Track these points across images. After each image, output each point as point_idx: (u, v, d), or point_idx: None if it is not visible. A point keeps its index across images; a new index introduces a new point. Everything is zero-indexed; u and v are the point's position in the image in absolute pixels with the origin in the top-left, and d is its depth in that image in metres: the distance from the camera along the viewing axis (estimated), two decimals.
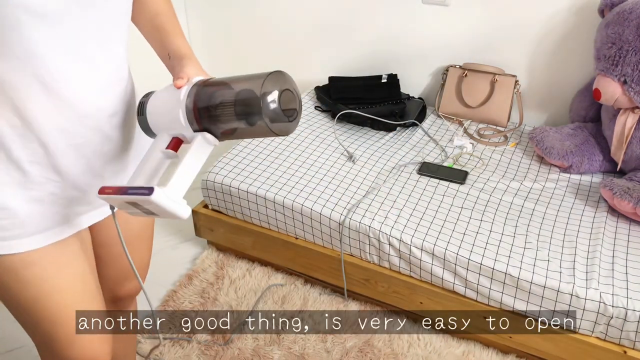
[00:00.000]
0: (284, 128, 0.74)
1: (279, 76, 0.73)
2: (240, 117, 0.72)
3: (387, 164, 1.84)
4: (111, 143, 0.88)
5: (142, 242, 1.11)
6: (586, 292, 1.36)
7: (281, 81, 0.73)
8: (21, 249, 0.83)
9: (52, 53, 0.72)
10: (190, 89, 0.77)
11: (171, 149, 0.78)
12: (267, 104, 0.70)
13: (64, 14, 0.71)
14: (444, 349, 1.61)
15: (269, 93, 0.70)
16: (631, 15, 1.58)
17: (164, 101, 0.79)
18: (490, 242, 1.51)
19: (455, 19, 2.06)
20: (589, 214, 1.61)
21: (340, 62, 2.37)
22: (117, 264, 1.09)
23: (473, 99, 2.08)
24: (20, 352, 1.61)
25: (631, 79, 1.58)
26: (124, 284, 1.14)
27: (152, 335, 1.66)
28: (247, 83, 0.73)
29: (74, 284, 0.91)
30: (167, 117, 0.78)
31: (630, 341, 1.37)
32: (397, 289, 1.63)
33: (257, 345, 1.62)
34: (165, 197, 0.71)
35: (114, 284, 1.12)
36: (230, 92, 0.74)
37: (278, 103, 0.71)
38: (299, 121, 0.78)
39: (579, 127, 1.87)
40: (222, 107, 0.74)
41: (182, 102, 0.76)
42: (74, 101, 0.78)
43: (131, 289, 1.16)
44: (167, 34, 0.91)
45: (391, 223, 1.58)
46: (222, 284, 1.82)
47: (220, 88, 0.75)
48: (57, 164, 0.81)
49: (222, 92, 0.75)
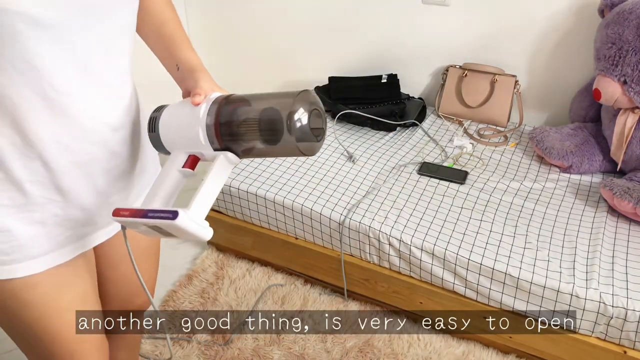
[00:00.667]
0: (310, 147, 0.71)
1: (307, 95, 0.71)
2: (266, 135, 0.70)
3: (387, 164, 1.84)
4: (116, 159, 0.85)
5: (150, 259, 1.10)
6: (586, 292, 1.36)
7: (310, 100, 0.71)
8: (22, 274, 0.80)
9: (54, 66, 0.69)
10: (210, 106, 0.73)
11: (188, 167, 0.76)
12: (294, 122, 0.68)
13: (65, 24, 0.68)
14: (444, 349, 1.61)
15: (298, 112, 0.68)
16: (631, 15, 1.57)
17: (180, 118, 0.76)
18: (490, 242, 1.51)
19: (455, 19, 2.06)
20: (589, 214, 1.61)
21: (340, 62, 2.37)
22: (125, 283, 1.08)
23: (473, 99, 2.08)
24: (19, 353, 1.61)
25: (631, 79, 1.58)
26: (133, 300, 1.12)
27: (153, 335, 1.66)
28: (274, 101, 0.70)
29: (75, 304, 0.89)
30: (185, 135, 0.75)
31: (630, 341, 1.37)
32: (397, 289, 1.63)
33: (257, 345, 1.62)
34: (189, 221, 0.69)
35: (122, 302, 1.11)
36: (256, 110, 0.71)
37: (307, 122, 0.69)
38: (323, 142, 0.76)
39: (579, 127, 1.87)
40: (247, 125, 0.71)
41: (201, 120, 0.73)
42: (78, 116, 0.75)
43: (141, 304, 1.15)
44: (175, 45, 0.88)
45: (391, 223, 1.58)
46: (222, 284, 1.82)
47: (244, 105, 0.73)
48: (59, 184, 0.78)
49: (246, 109, 0.72)
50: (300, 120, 0.68)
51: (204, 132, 0.73)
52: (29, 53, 0.66)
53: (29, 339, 0.89)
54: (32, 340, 0.89)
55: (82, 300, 0.91)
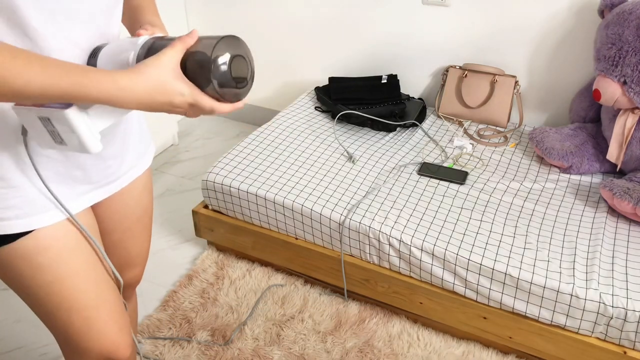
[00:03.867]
0: (231, 94, 0.73)
1: (232, 41, 0.71)
2: (190, 76, 0.71)
3: (387, 164, 1.84)
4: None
5: (142, 228, 1.12)
6: (586, 293, 1.36)
7: (234, 46, 0.71)
8: (35, 226, 0.84)
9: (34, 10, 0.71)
10: (147, 39, 0.75)
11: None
12: (217, 66, 0.69)
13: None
14: (444, 349, 1.61)
15: (220, 56, 0.69)
16: (631, 16, 1.58)
17: (120, 46, 0.77)
18: (490, 242, 1.51)
19: (455, 19, 2.07)
20: (588, 215, 1.61)
21: (341, 63, 2.37)
22: (118, 251, 1.10)
23: (473, 100, 2.08)
24: (19, 353, 1.61)
25: (631, 79, 1.58)
26: (125, 272, 1.14)
27: (153, 336, 1.66)
28: (200, 44, 0.71)
29: (87, 267, 0.91)
30: (118, 58, 0.76)
31: (630, 341, 1.37)
32: (397, 289, 1.63)
33: (257, 346, 1.62)
34: (81, 119, 0.70)
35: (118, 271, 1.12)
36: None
37: (229, 68, 0.70)
38: (249, 90, 0.77)
39: (578, 127, 1.87)
40: None
41: (137, 45, 0.74)
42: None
43: (132, 277, 1.17)
44: (142, 12, 0.91)
45: (391, 223, 1.58)
46: (222, 284, 1.82)
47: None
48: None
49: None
50: (221, 64, 0.69)
51: (134, 57, 0.74)
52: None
53: (48, 310, 0.91)
54: (51, 311, 0.91)
55: (91, 265, 0.93)
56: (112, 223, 1.05)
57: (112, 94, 0.67)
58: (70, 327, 0.93)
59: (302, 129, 2.04)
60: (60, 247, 0.87)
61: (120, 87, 0.67)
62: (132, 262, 1.14)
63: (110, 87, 0.67)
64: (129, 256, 1.12)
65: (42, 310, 0.92)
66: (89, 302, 0.93)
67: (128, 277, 1.16)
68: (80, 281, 0.91)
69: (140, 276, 1.20)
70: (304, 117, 2.13)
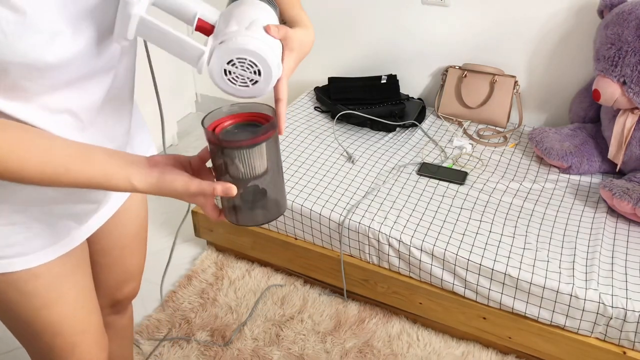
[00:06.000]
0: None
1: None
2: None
3: (387, 164, 1.84)
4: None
5: (139, 243, 1.11)
6: (585, 293, 1.36)
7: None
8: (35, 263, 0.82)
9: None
10: (223, 51, 0.66)
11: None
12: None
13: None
14: (444, 349, 1.61)
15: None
16: (630, 16, 1.58)
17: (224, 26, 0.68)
18: (489, 242, 1.51)
19: (454, 19, 2.07)
20: (588, 215, 1.61)
21: (340, 63, 2.37)
22: (116, 269, 1.09)
23: (472, 100, 2.08)
24: (19, 353, 1.61)
25: (630, 79, 1.58)
26: (123, 287, 1.13)
27: (152, 336, 1.66)
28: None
29: (75, 293, 0.91)
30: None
31: (630, 342, 1.37)
32: (397, 290, 1.63)
33: (257, 346, 1.62)
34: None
35: (113, 289, 1.12)
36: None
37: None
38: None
39: (578, 127, 1.87)
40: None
41: (218, 50, 0.66)
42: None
43: (130, 291, 1.16)
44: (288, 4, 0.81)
45: (391, 223, 1.58)
46: (221, 285, 1.82)
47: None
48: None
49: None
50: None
51: (205, 59, 0.67)
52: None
53: (31, 331, 0.90)
54: (34, 333, 0.90)
55: (82, 291, 0.92)
56: (110, 241, 1.03)
57: (123, 189, 0.69)
58: (52, 351, 0.92)
59: (302, 129, 2.04)
60: (54, 274, 0.86)
61: (134, 186, 0.69)
62: (130, 277, 1.13)
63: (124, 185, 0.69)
64: (127, 272, 1.11)
65: (25, 334, 0.91)
66: (76, 327, 0.92)
67: (126, 291, 1.15)
68: (69, 307, 0.90)
69: (138, 288, 1.19)
70: (304, 117, 2.13)
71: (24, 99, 0.67)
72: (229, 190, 0.70)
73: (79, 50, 0.66)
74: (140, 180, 0.68)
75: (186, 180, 0.69)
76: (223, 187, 0.69)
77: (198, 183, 0.69)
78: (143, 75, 0.97)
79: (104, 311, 1.14)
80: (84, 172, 0.66)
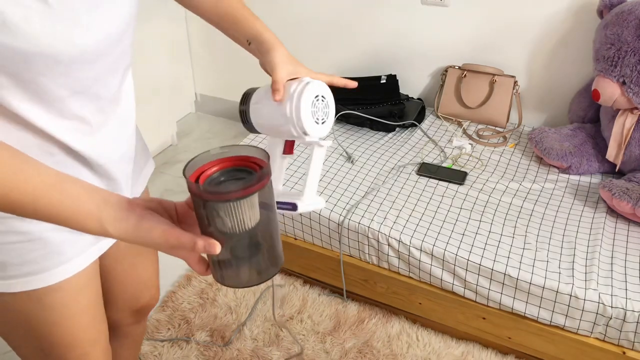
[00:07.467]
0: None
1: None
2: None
3: (386, 164, 1.84)
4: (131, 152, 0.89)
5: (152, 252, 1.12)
6: (585, 293, 1.36)
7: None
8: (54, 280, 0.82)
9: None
10: (294, 103, 0.75)
11: (287, 153, 0.81)
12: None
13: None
14: (443, 349, 1.61)
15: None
16: (630, 16, 1.58)
17: (270, 114, 0.78)
18: (489, 242, 1.51)
19: (454, 19, 2.07)
20: (587, 215, 1.61)
21: (339, 63, 2.37)
22: (130, 278, 1.09)
23: (472, 100, 2.08)
24: None
25: (630, 79, 1.58)
26: (140, 296, 1.13)
27: (152, 337, 1.66)
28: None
29: (89, 307, 0.91)
30: (277, 130, 0.78)
31: (629, 342, 1.37)
32: (396, 290, 1.63)
33: (256, 346, 1.62)
34: (305, 206, 0.80)
35: (131, 299, 1.12)
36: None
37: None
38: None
39: (578, 127, 1.87)
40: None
41: (290, 118, 0.75)
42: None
43: (149, 299, 1.15)
44: (243, 20, 0.90)
45: (390, 224, 1.58)
46: (221, 285, 1.82)
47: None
48: None
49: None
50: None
51: (295, 129, 0.75)
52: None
53: (42, 344, 0.89)
54: (46, 347, 0.89)
55: (95, 303, 0.92)
56: (121, 252, 1.02)
57: (93, 231, 0.60)
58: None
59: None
60: (72, 287, 0.86)
61: (105, 230, 0.60)
62: (148, 283, 1.13)
63: (94, 227, 0.60)
64: (143, 279, 1.11)
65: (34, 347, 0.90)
66: (89, 339, 0.92)
67: (145, 300, 1.14)
68: (84, 319, 0.90)
69: (158, 295, 1.17)
70: None
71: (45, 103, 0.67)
72: (211, 247, 0.59)
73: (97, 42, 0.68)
74: (114, 224, 0.59)
75: (165, 230, 0.60)
76: (205, 242, 0.59)
77: (178, 234, 0.59)
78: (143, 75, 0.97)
79: (125, 322, 1.14)
80: (52, 203, 0.58)
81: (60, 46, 0.63)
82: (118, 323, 1.14)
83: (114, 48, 0.73)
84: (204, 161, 0.64)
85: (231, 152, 0.65)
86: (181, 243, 0.59)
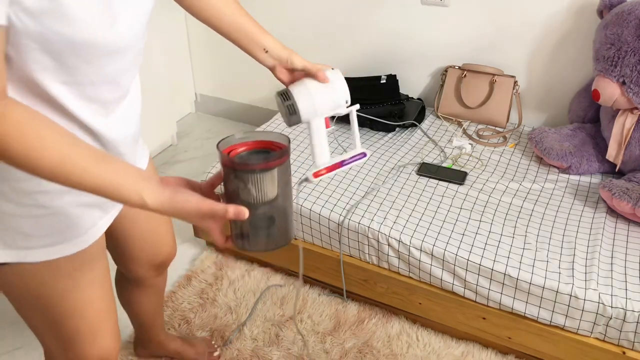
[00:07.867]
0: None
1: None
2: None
3: (386, 164, 1.84)
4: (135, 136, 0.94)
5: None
6: (585, 293, 1.36)
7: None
8: (78, 249, 0.88)
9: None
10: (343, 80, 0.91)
11: (327, 127, 0.93)
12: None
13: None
14: (443, 349, 1.61)
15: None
16: (630, 16, 1.58)
17: (322, 97, 0.90)
18: (489, 242, 1.51)
19: (454, 19, 2.07)
20: (587, 215, 1.61)
21: (339, 63, 2.37)
22: (149, 237, 1.15)
23: (472, 100, 2.08)
24: (19, 353, 1.61)
25: (630, 79, 1.58)
26: (159, 251, 1.20)
27: None
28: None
29: (101, 277, 0.95)
30: (330, 106, 0.91)
31: (629, 342, 1.37)
32: (396, 290, 1.63)
33: (256, 346, 1.62)
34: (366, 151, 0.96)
35: (151, 255, 1.19)
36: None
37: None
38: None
39: (578, 127, 1.87)
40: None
41: (341, 94, 0.91)
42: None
43: (168, 254, 1.23)
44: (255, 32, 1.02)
45: (390, 224, 1.58)
46: (221, 285, 1.82)
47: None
48: None
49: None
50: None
51: (343, 99, 0.91)
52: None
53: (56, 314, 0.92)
54: (60, 315, 0.92)
55: (104, 275, 0.97)
56: (134, 213, 1.08)
57: (131, 202, 0.69)
58: (76, 335, 0.95)
59: (301, 129, 2.04)
60: (86, 257, 0.90)
61: (144, 202, 0.69)
62: (164, 240, 1.20)
63: (134, 199, 0.69)
64: (161, 236, 1.18)
65: (48, 319, 0.93)
66: (101, 310, 0.96)
67: (164, 255, 1.22)
68: (97, 290, 0.94)
69: (175, 248, 1.26)
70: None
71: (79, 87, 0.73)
72: (241, 213, 0.71)
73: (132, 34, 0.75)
74: (152, 196, 0.69)
75: (198, 201, 0.71)
76: (236, 209, 0.71)
77: (211, 204, 0.71)
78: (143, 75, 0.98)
79: (147, 275, 1.23)
80: (100, 175, 0.66)
81: (109, 37, 0.69)
82: (142, 277, 1.23)
83: (139, 41, 0.79)
84: (233, 142, 0.79)
85: (255, 136, 0.80)
86: (214, 211, 0.71)
